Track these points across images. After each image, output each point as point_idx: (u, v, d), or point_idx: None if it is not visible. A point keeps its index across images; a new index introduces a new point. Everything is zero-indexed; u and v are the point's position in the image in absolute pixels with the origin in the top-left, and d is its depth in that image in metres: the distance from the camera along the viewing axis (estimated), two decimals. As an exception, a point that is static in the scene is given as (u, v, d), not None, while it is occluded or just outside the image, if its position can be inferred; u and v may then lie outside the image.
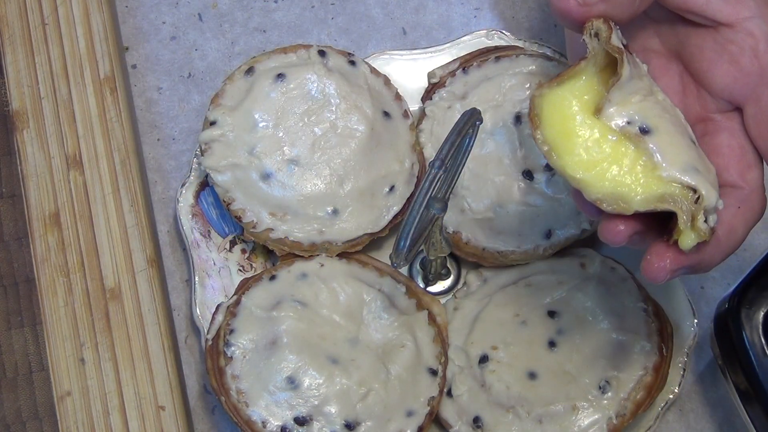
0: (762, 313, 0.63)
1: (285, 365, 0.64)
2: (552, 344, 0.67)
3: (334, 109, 0.70)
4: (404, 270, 0.73)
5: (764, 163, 0.58)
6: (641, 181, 0.53)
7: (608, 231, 0.54)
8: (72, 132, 0.73)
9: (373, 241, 0.70)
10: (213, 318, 0.67)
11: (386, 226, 0.70)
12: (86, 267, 0.71)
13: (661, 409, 0.69)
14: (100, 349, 0.69)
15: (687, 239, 0.53)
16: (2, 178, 0.73)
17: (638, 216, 0.53)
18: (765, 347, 0.62)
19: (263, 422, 0.64)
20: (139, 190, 0.72)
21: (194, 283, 0.71)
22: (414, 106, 0.73)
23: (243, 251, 0.72)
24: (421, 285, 0.73)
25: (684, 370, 0.69)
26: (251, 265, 0.72)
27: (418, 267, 0.73)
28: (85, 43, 0.75)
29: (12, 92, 0.74)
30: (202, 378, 0.72)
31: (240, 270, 0.72)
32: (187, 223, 0.72)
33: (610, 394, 0.65)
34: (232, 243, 0.72)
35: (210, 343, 0.66)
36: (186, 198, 0.73)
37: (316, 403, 0.64)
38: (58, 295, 0.70)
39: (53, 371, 0.69)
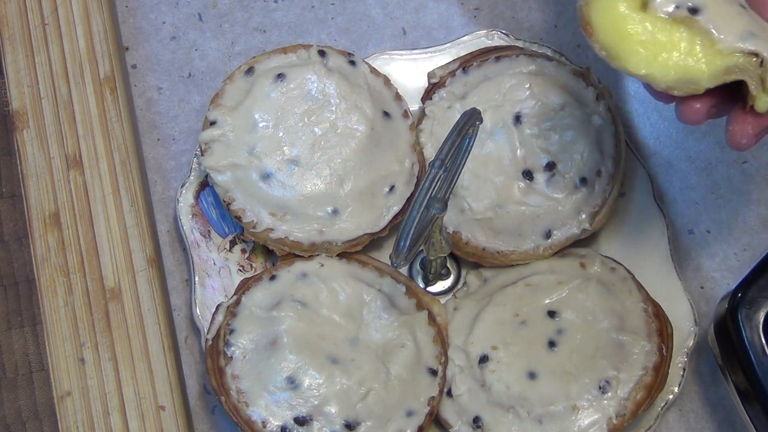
0: (762, 313, 0.63)
1: (285, 365, 0.64)
2: (552, 344, 0.67)
3: (334, 109, 0.70)
4: (404, 270, 0.73)
5: None
6: (703, 59, 0.55)
7: (687, 113, 0.55)
8: (72, 132, 0.73)
9: (373, 241, 0.70)
10: (213, 318, 0.67)
11: (386, 226, 0.70)
12: (86, 267, 0.71)
13: (661, 409, 0.69)
14: (100, 349, 0.69)
15: (761, 102, 0.55)
16: (2, 178, 0.73)
17: (710, 91, 0.55)
18: (765, 347, 0.62)
19: (263, 422, 0.64)
20: (139, 190, 0.72)
21: (194, 283, 0.71)
22: (414, 106, 0.73)
23: (243, 251, 0.72)
24: (421, 285, 0.73)
25: (684, 370, 0.69)
26: (251, 265, 0.72)
27: (418, 267, 0.73)
28: (85, 43, 0.75)
29: (12, 92, 0.74)
30: (202, 378, 0.72)
31: (240, 270, 0.72)
32: (187, 223, 0.72)
33: (610, 394, 0.65)
34: (232, 243, 0.72)
35: (210, 343, 0.66)
36: (186, 198, 0.73)
37: (316, 403, 0.64)
38: (58, 295, 0.70)
39: (53, 371, 0.69)
